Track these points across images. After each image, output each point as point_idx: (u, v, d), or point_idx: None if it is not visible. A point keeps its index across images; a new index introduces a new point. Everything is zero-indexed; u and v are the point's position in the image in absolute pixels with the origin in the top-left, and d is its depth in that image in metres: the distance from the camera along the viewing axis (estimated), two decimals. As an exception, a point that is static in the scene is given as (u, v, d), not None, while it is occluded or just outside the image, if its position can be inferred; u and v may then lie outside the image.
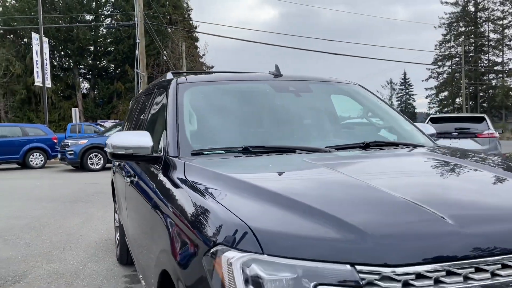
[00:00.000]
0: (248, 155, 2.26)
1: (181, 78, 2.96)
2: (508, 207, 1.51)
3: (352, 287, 1.20)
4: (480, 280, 1.25)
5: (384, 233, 1.30)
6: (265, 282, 1.24)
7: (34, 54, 21.02)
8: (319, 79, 3.23)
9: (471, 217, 1.42)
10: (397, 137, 2.89)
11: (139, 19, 21.39)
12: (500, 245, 1.31)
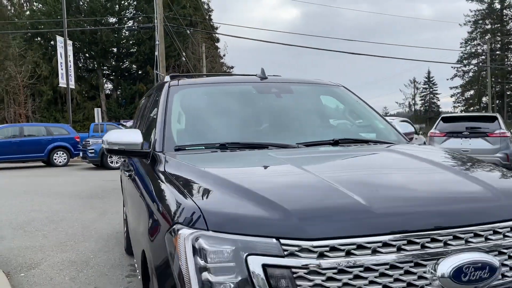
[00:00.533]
0: (224, 150, 2.52)
1: (173, 81, 3.25)
2: (421, 193, 1.74)
3: (276, 256, 1.45)
4: (386, 253, 1.47)
5: (305, 212, 1.54)
6: (208, 253, 1.50)
7: (59, 56, 21.84)
8: (303, 81, 3.47)
9: (383, 200, 1.64)
10: (377, 135, 3.10)
11: (158, 21, 21.92)
12: (406, 224, 1.53)
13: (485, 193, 1.75)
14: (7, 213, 7.49)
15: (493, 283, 1.52)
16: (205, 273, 1.49)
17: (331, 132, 2.89)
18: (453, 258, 1.49)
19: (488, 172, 2.17)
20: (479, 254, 1.52)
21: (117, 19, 38.19)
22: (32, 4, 37.10)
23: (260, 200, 1.63)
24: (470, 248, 1.53)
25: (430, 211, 1.60)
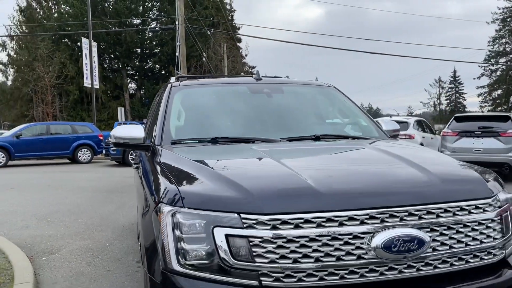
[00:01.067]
0: (214, 144, 2.85)
1: (176, 82, 3.60)
2: (367, 178, 2.02)
3: (237, 228, 1.76)
4: (329, 227, 1.76)
5: (262, 192, 1.84)
6: (183, 225, 1.82)
7: (84, 57, 22.65)
8: (295, 82, 3.77)
9: (331, 183, 1.93)
10: (358, 132, 3.37)
11: (180, 23, 22.45)
12: (348, 204, 1.81)
13: (424, 179, 2.02)
14: (33, 205, 8.02)
15: (422, 254, 1.79)
16: (181, 242, 1.81)
17: (315, 129, 3.16)
18: (386, 232, 1.76)
19: (437, 161, 2.43)
20: (410, 230, 1.79)
21: (140, 21, 39.09)
22: (60, 6, 38.32)
23: (228, 183, 1.94)
24: (404, 224, 1.80)
25: (370, 193, 1.88)
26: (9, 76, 38.25)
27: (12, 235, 5.67)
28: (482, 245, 1.93)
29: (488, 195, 2.03)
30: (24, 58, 34.49)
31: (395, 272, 1.78)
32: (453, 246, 1.87)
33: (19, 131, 17.47)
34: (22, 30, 38.19)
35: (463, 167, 2.35)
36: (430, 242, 1.81)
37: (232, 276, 1.74)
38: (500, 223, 2.02)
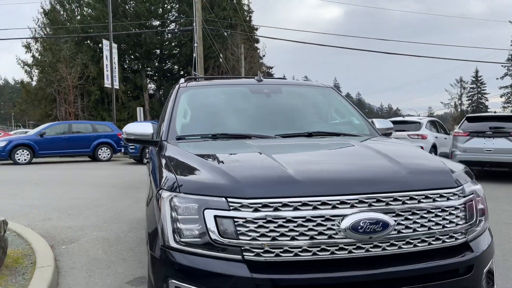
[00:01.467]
0: (214, 139, 3.13)
1: (184, 83, 3.90)
2: (343, 169, 2.27)
3: (224, 210, 2.03)
4: (304, 210, 2.01)
5: (247, 180, 2.11)
6: (179, 208, 2.10)
7: (104, 58, 23.31)
8: (295, 83, 4.03)
9: (309, 173, 2.18)
10: (350, 129, 3.60)
11: (197, 24, 22.89)
12: (322, 190, 2.06)
13: (394, 170, 2.26)
14: (55, 199, 8.47)
15: (387, 236, 2.03)
16: (177, 222, 2.10)
17: (309, 127, 3.41)
18: (354, 215, 2.01)
19: (411, 155, 2.66)
20: (376, 214, 2.03)
21: (160, 22, 39.79)
22: (83, 9, 39.31)
23: (219, 172, 2.22)
24: (371, 209, 2.05)
25: (343, 181, 2.13)
26: (34, 77, 39.44)
27: (35, 226, 6.07)
28: (445, 229, 2.16)
29: (453, 185, 2.25)
30: (48, 59, 35.53)
31: (363, 250, 2.03)
32: (417, 230, 2.10)
33: (43, 130, 18.14)
34: (46, 32, 39.31)
35: (434, 160, 2.57)
36: (395, 225, 2.05)
37: (219, 251, 2.02)
38: (463, 211, 2.24)
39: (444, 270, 2.10)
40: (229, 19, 38.47)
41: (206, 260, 2.03)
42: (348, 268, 2.01)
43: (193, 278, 2.03)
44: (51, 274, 3.91)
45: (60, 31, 36.57)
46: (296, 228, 1.99)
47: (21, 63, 37.85)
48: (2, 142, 17.14)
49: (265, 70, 56.65)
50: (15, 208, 7.42)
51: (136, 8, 37.38)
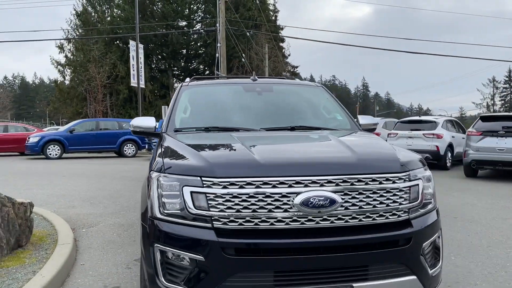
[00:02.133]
0: (207, 132, 3.56)
1: (186, 82, 4.35)
2: (302, 155, 2.65)
3: (199, 187, 2.45)
4: (265, 188, 2.41)
5: (218, 163, 2.53)
6: (163, 185, 2.54)
7: (131, 59, 24.18)
8: (286, 82, 4.41)
9: (272, 158, 2.58)
10: (332, 124, 3.96)
11: (220, 25, 23.45)
12: (281, 172, 2.45)
13: (347, 156, 2.63)
14: (79, 190, 9.12)
15: (334, 211, 2.40)
16: (162, 197, 2.53)
17: (294, 121, 3.79)
18: (307, 193, 2.40)
19: (369, 146, 3.01)
20: (325, 193, 2.41)
21: (186, 23, 40.64)
22: (113, 10, 40.59)
23: (197, 157, 2.65)
24: (322, 189, 2.42)
25: (300, 165, 2.52)
26: (66, 76, 41.02)
27: (60, 212, 6.67)
28: (389, 207, 2.51)
29: (399, 171, 2.60)
30: (80, 59, 36.93)
31: (313, 222, 2.41)
32: (363, 207, 2.47)
33: (72, 127, 19.09)
34: (78, 32, 40.79)
35: (387, 150, 2.91)
36: (342, 202, 2.42)
37: (194, 220, 2.44)
38: (408, 193, 2.58)
39: (385, 241, 2.46)
40: (253, 20, 38.89)
41: (183, 228, 2.46)
42: (300, 237, 2.39)
43: (172, 242, 2.46)
44: (70, 250, 4.44)
45: (91, 32, 37.94)
46: (257, 202, 2.40)
47: (54, 63, 39.47)
48: (35, 138, 18.16)
49: (290, 69, 56.86)
50: (43, 197, 8.08)
51: (163, 9, 38.35)
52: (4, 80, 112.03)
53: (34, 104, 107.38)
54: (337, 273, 2.40)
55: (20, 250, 4.42)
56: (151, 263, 2.56)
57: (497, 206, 7.45)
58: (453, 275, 4.03)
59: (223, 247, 2.35)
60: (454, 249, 4.87)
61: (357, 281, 2.41)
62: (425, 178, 2.76)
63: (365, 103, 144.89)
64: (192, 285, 2.39)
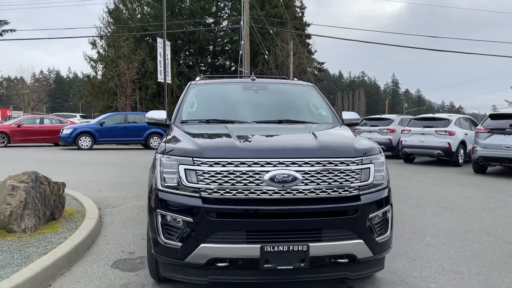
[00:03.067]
0: (208, 123, 4.25)
1: (195, 81, 5.05)
2: (275, 143, 3.30)
3: (191, 165, 3.13)
4: (242, 167, 3.06)
5: (207, 147, 3.20)
6: (164, 164, 3.24)
7: (158, 55, 25.20)
8: (281, 82, 5.04)
9: (251, 143, 3.24)
10: (316, 119, 4.56)
11: (244, 23, 24.12)
12: (255, 155, 3.10)
13: (311, 144, 3.25)
14: (106, 177, 10.02)
15: (295, 186, 3.04)
16: (163, 173, 3.23)
17: (282, 115, 4.42)
18: (274, 171, 3.04)
19: (334, 136, 3.62)
20: (289, 171, 3.04)
21: (213, 20, 41.51)
22: (143, 8, 41.89)
23: (192, 142, 3.33)
24: (287, 168, 3.07)
25: (271, 150, 3.17)
26: (98, 71, 42.66)
27: (89, 195, 7.51)
28: (342, 185, 3.13)
29: (353, 155, 3.21)
30: (111, 55, 38.37)
31: (279, 194, 3.05)
32: (320, 183, 3.09)
33: (102, 120, 20.23)
34: (111, 29, 42.29)
35: (347, 139, 3.52)
36: (302, 179, 3.05)
37: (186, 191, 3.12)
38: (359, 174, 3.19)
39: (336, 211, 3.08)
40: (279, 17, 39.33)
41: (178, 197, 3.15)
42: (268, 205, 3.04)
43: (169, 207, 3.16)
44: (95, 223, 5.24)
45: (122, 29, 39.33)
46: (235, 178, 3.06)
47: (87, 59, 41.13)
48: (68, 130, 19.37)
49: (316, 65, 56.95)
50: (75, 182, 8.99)
51: (191, 6, 39.30)
52: (40, 74, 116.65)
53: (68, 97, 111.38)
54: (297, 234, 3.05)
55: (54, 222, 5.24)
56: (154, 227, 3.26)
57: (492, 199, 7.85)
58: (421, 251, 4.59)
59: (207, 212, 3.03)
60: (433, 232, 5.40)
61: (313, 241, 3.04)
62: (377, 163, 3.36)
63: (395, 100, 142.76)
64: (184, 241, 3.08)
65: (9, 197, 4.69)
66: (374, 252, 3.20)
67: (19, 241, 4.40)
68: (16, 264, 3.73)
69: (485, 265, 4.22)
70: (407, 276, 3.90)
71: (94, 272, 3.96)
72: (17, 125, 21.12)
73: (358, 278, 3.72)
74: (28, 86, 60.65)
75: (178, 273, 3.22)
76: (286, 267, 3.01)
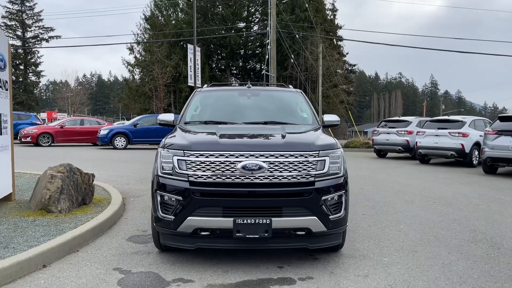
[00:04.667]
0: (206, 124, 5.15)
1: (200, 88, 5.97)
2: (250, 141, 4.15)
3: (182, 156, 4.03)
4: (221, 158, 3.93)
5: (194, 143, 4.09)
6: (163, 156, 4.16)
7: (189, 60, 26.51)
8: (272, 89, 5.89)
9: (231, 140, 4.10)
10: (298, 121, 5.36)
11: (271, 28, 25.00)
12: (232, 148, 3.96)
13: (278, 141, 4.07)
14: (134, 173, 11.14)
15: (262, 173, 3.86)
16: (162, 163, 4.16)
17: (269, 117, 5.24)
18: (245, 162, 3.89)
19: (301, 135, 4.41)
20: (257, 162, 3.88)
21: (245, 24, 42.66)
22: (178, 14, 43.63)
23: (184, 138, 4.24)
24: (256, 159, 3.90)
25: (246, 145, 4.01)
26: (135, 75, 44.75)
27: (117, 187, 8.58)
28: (300, 173, 3.92)
29: (311, 150, 4.01)
30: (147, 59, 40.26)
31: (249, 180, 3.89)
32: (282, 172, 3.90)
33: (136, 121, 21.66)
34: (148, 34, 44.26)
35: (310, 137, 4.31)
36: (268, 168, 3.88)
37: (178, 177, 4.02)
38: (315, 165, 3.99)
39: (294, 193, 3.89)
40: (308, 21, 39.95)
41: (172, 181, 4.05)
42: (240, 187, 3.89)
43: (166, 189, 4.06)
44: (118, 207, 6.25)
45: (158, 35, 41.16)
46: (215, 166, 3.93)
47: (125, 63, 43.28)
48: (105, 130, 20.90)
49: (347, 67, 57.00)
50: (106, 177, 10.13)
51: (223, 12, 40.65)
52: (83, 78, 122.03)
53: (108, 100, 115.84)
54: (262, 211, 3.88)
55: (85, 206, 6.29)
56: (155, 205, 4.18)
57: (485, 196, 8.34)
58: (390, 235, 5.30)
59: (193, 192, 3.92)
60: (410, 221, 6.07)
61: (275, 217, 3.87)
62: (333, 156, 4.13)
63: (433, 102, 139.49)
64: (176, 215, 3.98)
65: (49, 184, 5.76)
66: (327, 227, 3.98)
67: (55, 219, 5.45)
68: (52, 235, 4.75)
69: (440, 246, 4.89)
70: (368, 252, 4.64)
71: (113, 243, 4.93)
72: (60, 126, 22.92)
73: (325, 252, 4.52)
74: (71, 89, 63.91)
75: (173, 241, 4.13)
76: (253, 236, 3.85)
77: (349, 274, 3.98)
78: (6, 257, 3.94)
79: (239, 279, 3.84)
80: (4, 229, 4.96)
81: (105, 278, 3.83)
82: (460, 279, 3.88)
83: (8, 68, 6.36)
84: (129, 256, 4.46)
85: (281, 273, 3.99)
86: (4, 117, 6.23)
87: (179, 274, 3.95)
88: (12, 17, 60.08)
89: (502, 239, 5.22)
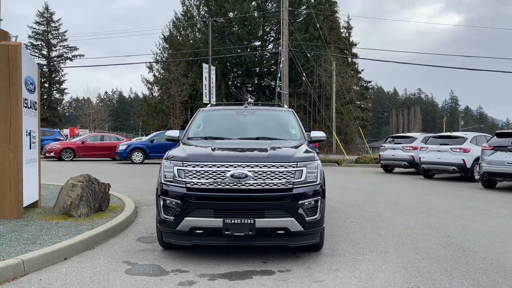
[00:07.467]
0: (206, 139, 5.91)
1: (203, 108, 6.77)
2: (241, 153, 4.89)
3: (181, 166, 4.77)
4: (214, 167, 4.66)
5: (191, 155, 4.84)
6: (165, 166, 4.93)
7: (204, 79, 27.60)
8: (266, 108, 6.65)
9: (223, 153, 4.86)
10: (286, 136, 6.08)
11: (284, 48, 25.91)
12: (223, 160, 4.70)
13: (263, 154, 4.79)
14: (149, 185, 11.96)
15: (248, 181, 4.57)
16: (164, 172, 4.92)
17: (261, 134, 5.97)
18: (233, 171, 4.61)
19: (285, 149, 5.11)
20: (243, 171, 4.60)
21: (260, 43, 43.84)
22: (195, 34, 45.14)
23: (184, 151, 5.00)
24: (243, 169, 4.63)
25: (235, 158, 4.75)
26: (154, 93, 46.22)
27: (131, 197, 9.39)
28: (280, 181, 4.62)
29: (290, 161, 4.71)
30: (165, 77, 41.68)
31: (237, 186, 4.60)
32: (265, 180, 4.61)
33: (153, 137, 22.67)
34: (167, 53, 45.80)
35: (290, 151, 5.00)
36: (252, 176, 4.59)
37: (177, 183, 4.76)
38: (294, 174, 4.68)
39: (275, 198, 4.58)
40: (323, 39, 40.83)
41: (172, 187, 4.79)
42: (229, 193, 4.61)
43: (167, 194, 4.81)
44: (130, 213, 7.02)
45: (176, 54, 42.64)
46: (208, 175, 4.66)
47: (144, 81, 44.82)
48: (124, 146, 21.96)
49: (362, 84, 57.48)
50: (122, 188, 10.97)
51: (239, 31, 41.95)
52: (105, 95, 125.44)
53: (129, 116, 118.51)
54: (247, 213, 4.58)
55: (101, 212, 7.09)
56: (158, 208, 4.93)
57: (472, 208, 8.83)
58: (370, 240, 5.91)
59: (189, 196, 4.66)
60: (392, 228, 6.66)
61: (258, 217, 4.56)
62: (310, 167, 4.82)
63: (453, 118, 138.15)
64: (175, 216, 4.71)
65: (70, 192, 6.59)
66: (304, 228, 4.66)
67: (75, 222, 6.25)
68: (72, 234, 5.53)
69: (412, 249, 5.48)
70: (345, 252, 5.28)
71: (124, 242, 5.69)
72: (81, 142, 24.12)
73: (306, 251, 5.18)
74: (93, 106, 65.99)
75: (173, 238, 4.85)
76: (240, 233, 4.55)
77: (323, 268, 4.63)
78: (34, 250, 4.74)
79: (227, 270, 4.53)
80: (32, 229, 5.78)
81: (115, 268, 4.58)
82: (417, 273, 4.49)
83: (37, 91, 7.28)
84: (137, 253, 5.20)
85: (264, 266, 4.67)
86: (33, 134, 7.13)
87: (178, 266, 4.66)
88: (38, 37, 62.77)
89: (470, 243, 5.77)
